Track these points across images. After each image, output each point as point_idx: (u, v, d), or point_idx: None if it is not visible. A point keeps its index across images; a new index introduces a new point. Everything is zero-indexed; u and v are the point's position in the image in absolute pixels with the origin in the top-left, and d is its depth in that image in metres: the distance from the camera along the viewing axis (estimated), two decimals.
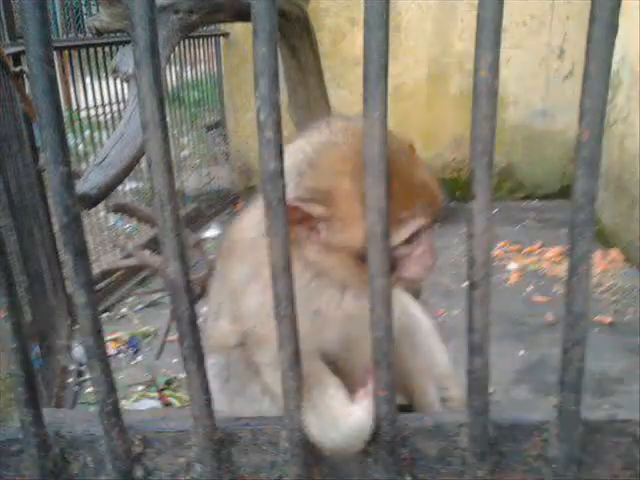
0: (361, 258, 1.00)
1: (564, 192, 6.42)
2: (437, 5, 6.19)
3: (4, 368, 1.15)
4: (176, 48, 3.72)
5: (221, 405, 1.17)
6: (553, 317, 4.20)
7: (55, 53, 4.25)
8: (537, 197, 6.63)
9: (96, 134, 5.07)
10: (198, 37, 6.08)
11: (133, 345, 4.11)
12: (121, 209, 2.93)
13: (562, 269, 4.88)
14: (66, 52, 4.73)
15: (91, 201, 1.96)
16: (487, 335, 0.93)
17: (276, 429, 1.04)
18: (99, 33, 2.67)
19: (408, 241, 1.05)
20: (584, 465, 1.02)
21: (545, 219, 6.11)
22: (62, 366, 3.64)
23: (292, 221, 0.96)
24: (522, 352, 3.88)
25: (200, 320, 0.97)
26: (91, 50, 4.77)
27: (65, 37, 4.90)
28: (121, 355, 4.02)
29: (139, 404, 3.45)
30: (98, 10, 2.76)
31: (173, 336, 3.10)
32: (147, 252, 3.33)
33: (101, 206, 2.41)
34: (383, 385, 0.96)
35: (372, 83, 0.82)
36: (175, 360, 3.67)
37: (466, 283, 0.93)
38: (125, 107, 2.98)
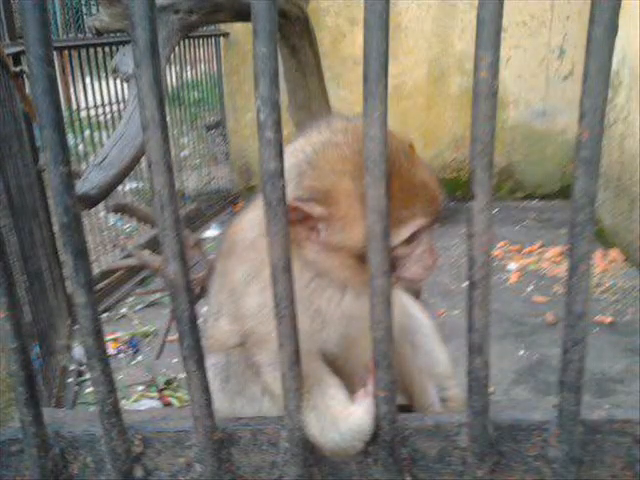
0: (361, 258, 1.00)
1: (564, 192, 6.42)
2: (437, 5, 6.20)
3: (4, 368, 1.15)
4: (176, 48, 3.73)
5: (221, 405, 1.17)
6: (553, 317, 4.20)
7: (55, 53, 4.26)
8: (537, 197, 6.64)
9: (96, 134, 5.08)
10: (198, 37, 6.08)
11: (133, 345, 4.11)
12: (121, 209, 2.93)
13: (562, 269, 4.89)
14: (66, 52, 4.73)
15: (91, 201, 1.97)
16: (487, 335, 0.93)
17: (276, 429, 1.04)
18: (99, 33, 2.67)
19: (408, 241, 1.05)
20: (584, 465, 1.02)
21: (545, 219, 6.11)
22: (62, 366, 3.64)
23: (292, 221, 0.96)
24: (522, 352, 3.88)
25: (200, 320, 0.97)
26: (91, 50, 4.77)
27: (65, 37, 4.90)
28: (121, 355, 4.02)
29: (139, 404, 3.45)
30: (98, 10, 2.76)
31: (173, 336, 3.10)
32: (147, 252, 3.33)
33: (101, 206, 2.41)
34: (383, 385, 0.96)
35: (372, 83, 0.82)
36: (175, 360, 3.67)
37: (466, 283, 0.93)
38: (125, 107, 2.99)
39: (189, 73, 6.24)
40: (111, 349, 3.98)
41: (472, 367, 0.95)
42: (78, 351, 3.81)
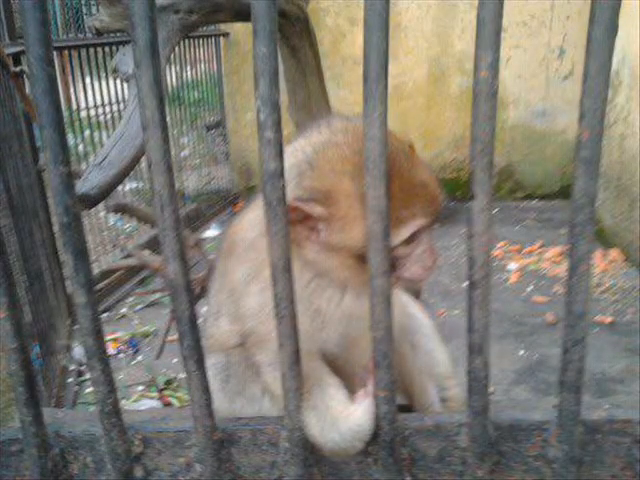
0: (361, 258, 1.00)
1: (564, 192, 6.43)
2: (437, 5, 6.20)
3: (4, 368, 1.15)
4: (176, 48, 3.73)
5: (221, 405, 1.17)
6: (553, 317, 4.20)
7: (55, 53, 4.26)
8: (537, 197, 6.64)
9: (96, 134, 5.08)
10: (198, 37, 6.08)
11: (133, 345, 4.12)
12: (121, 209, 2.94)
13: (562, 269, 4.89)
14: (66, 52, 4.73)
15: (91, 201, 1.97)
16: (487, 335, 0.93)
17: (276, 429, 1.04)
18: (99, 33, 2.67)
19: (408, 241, 1.05)
20: (584, 465, 1.02)
21: (545, 219, 6.11)
22: (62, 366, 3.64)
23: (292, 221, 0.96)
24: (522, 352, 3.88)
25: (200, 320, 0.97)
26: (91, 50, 4.77)
27: (65, 37, 4.90)
28: (121, 355, 4.02)
29: (139, 404, 3.45)
30: (98, 10, 2.76)
31: (173, 336, 3.10)
32: (147, 252, 3.33)
33: (101, 206, 2.41)
34: (383, 385, 0.96)
35: (372, 83, 0.82)
36: (175, 360, 3.67)
37: (466, 283, 0.93)
38: (125, 107, 2.99)
39: (189, 73, 6.24)
40: (111, 349, 3.98)
41: (472, 367, 0.95)
42: (78, 351, 3.81)
